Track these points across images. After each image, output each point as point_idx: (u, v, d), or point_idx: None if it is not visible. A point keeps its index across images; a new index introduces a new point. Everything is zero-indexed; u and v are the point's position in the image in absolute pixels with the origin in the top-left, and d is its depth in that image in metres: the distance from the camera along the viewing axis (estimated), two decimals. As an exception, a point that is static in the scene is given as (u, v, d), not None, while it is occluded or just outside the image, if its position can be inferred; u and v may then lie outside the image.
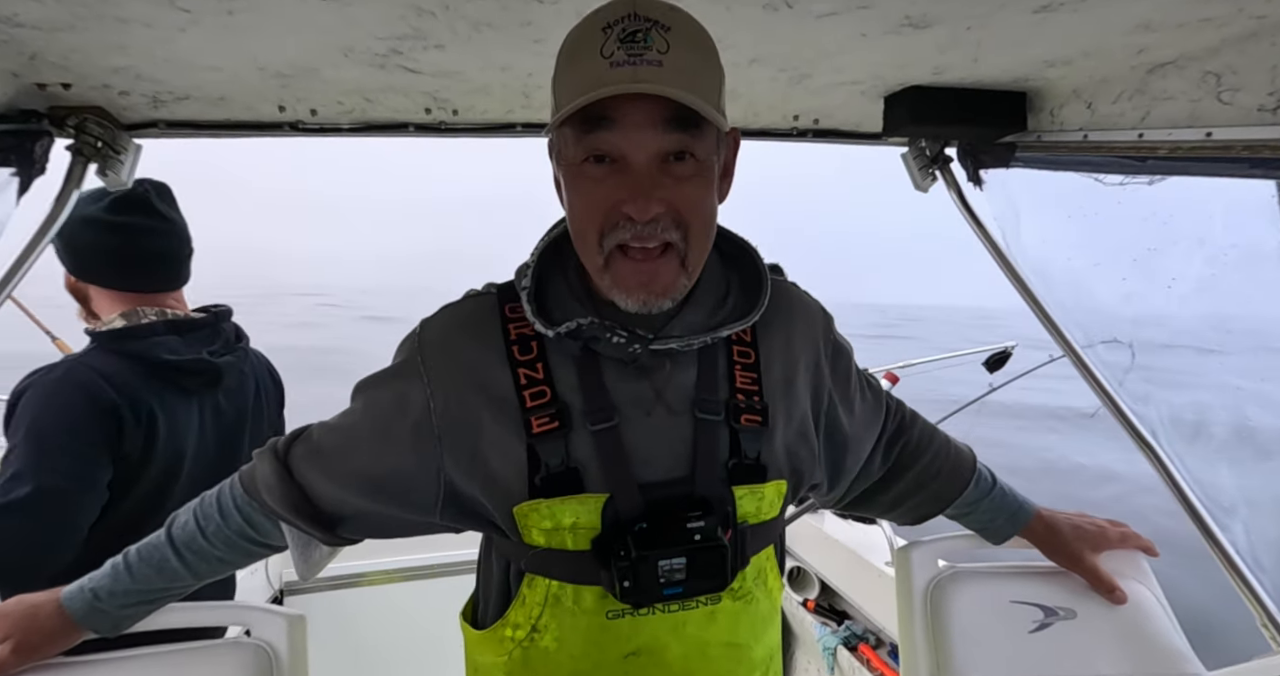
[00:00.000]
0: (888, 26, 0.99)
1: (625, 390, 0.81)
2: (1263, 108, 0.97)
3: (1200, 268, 1.22)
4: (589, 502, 0.78)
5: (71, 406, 1.27)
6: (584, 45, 0.71)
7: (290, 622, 1.01)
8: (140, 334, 1.39)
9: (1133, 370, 1.37)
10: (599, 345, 0.80)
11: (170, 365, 1.40)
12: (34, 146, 1.19)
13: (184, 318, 1.47)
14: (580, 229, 0.76)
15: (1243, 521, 1.32)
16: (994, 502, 1.09)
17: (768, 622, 0.89)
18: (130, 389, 1.33)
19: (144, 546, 0.92)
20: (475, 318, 0.86)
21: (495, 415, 0.81)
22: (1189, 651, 1.08)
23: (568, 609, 0.81)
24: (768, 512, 0.85)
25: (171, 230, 1.46)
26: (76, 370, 1.31)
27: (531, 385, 0.80)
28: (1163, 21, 0.94)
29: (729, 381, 0.84)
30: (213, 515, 0.91)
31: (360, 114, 1.36)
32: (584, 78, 0.70)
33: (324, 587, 2.30)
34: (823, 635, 2.33)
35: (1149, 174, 1.20)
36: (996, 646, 1.09)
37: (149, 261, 1.44)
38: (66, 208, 1.26)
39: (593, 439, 0.79)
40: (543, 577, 0.82)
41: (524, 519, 0.80)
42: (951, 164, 1.56)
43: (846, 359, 0.98)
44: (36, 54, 1.01)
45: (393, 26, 0.97)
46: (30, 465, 1.22)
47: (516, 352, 0.82)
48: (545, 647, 0.82)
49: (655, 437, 0.81)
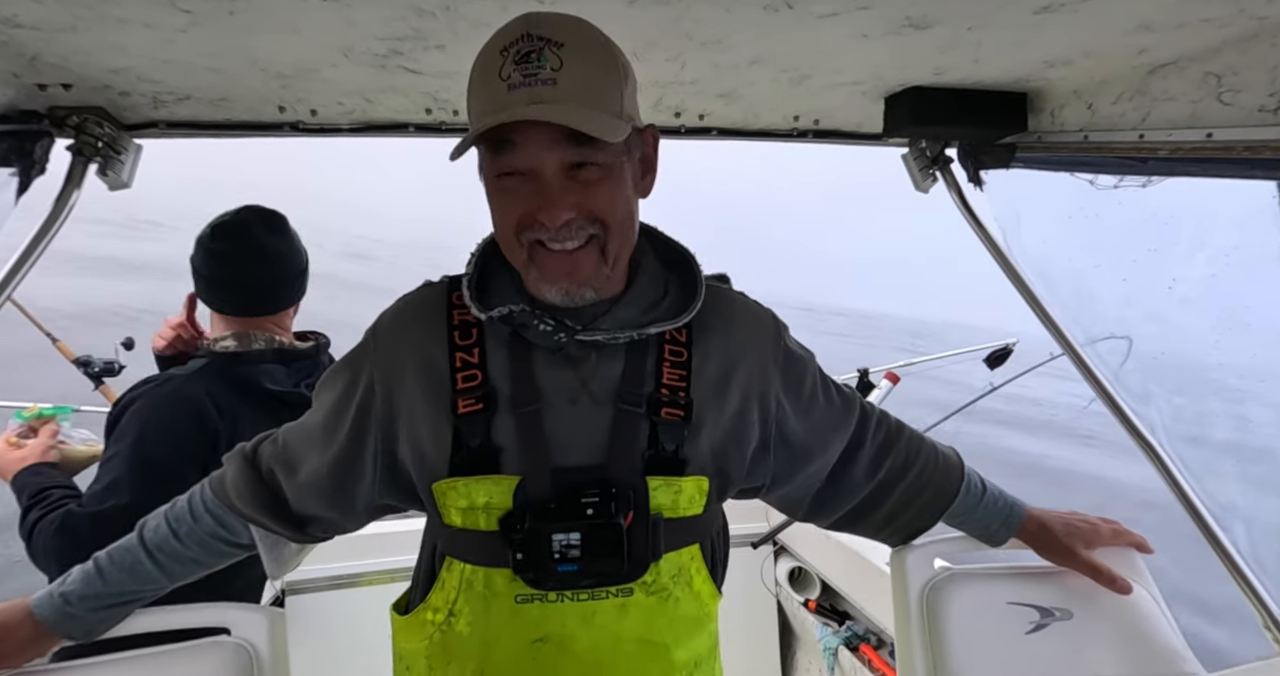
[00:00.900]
0: (888, 27, 0.99)
1: (552, 378, 0.84)
2: (1263, 108, 0.97)
3: (1201, 268, 1.22)
4: (502, 483, 0.81)
5: (180, 424, 1.30)
6: (486, 68, 0.75)
7: (270, 620, 1.01)
8: (251, 360, 1.42)
9: (1134, 369, 1.37)
10: (528, 332, 0.84)
11: (272, 395, 1.42)
12: (34, 147, 1.19)
13: (290, 347, 1.49)
14: (502, 235, 0.81)
15: (1244, 522, 1.32)
16: (986, 509, 1.09)
17: (694, 626, 0.89)
18: (233, 413, 1.36)
19: (115, 550, 0.92)
20: (424, 303, 0.91)
21: (429, 395, 0.85)
22: (1187, 651, 1.08)
23: (479, 592, 0.84)
24: (688, 508, 0.86)
25: (268, 256, 1.46)
26: (187, 387, 1.34)
27: (466, 368, 0.85)
28: (1163, 22, 0.94)
29: (655, 377, 0.86)
30: (184, 518, 0.93)
31: (360, 114, 1.36)
32: (486, 101, 0.75)
33: (325, 587, 2.30)
34: (824, 635, 2.33)
35: (1149, 175, 1.20)
36: (993, 647, 1.09)
37: (246, 288, 1.46)
38: (67, 208, 1.27)
39: (515, 422, 0.82)
40: (459, 562, 0.85)
41: (442, 497, 0.84)
42: (952, 165, 1.55)
43: (801, 366, 0.98)
44: (37, 55, 1.01)
45: (393, 27, 0.97)
46: (132, 476, 1.24)
47: (456, 337, 0.86)
48: (460, 632, 0.85)
49: (576, 425, 0.84)
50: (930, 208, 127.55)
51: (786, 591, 2.56)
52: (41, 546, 1.22)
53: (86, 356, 2.58)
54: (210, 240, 1.42)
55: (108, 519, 1.20)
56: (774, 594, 2.64)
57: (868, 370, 2.76)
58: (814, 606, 2.45)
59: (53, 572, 1.26)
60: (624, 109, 0.78)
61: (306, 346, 1.54)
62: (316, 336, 1.60)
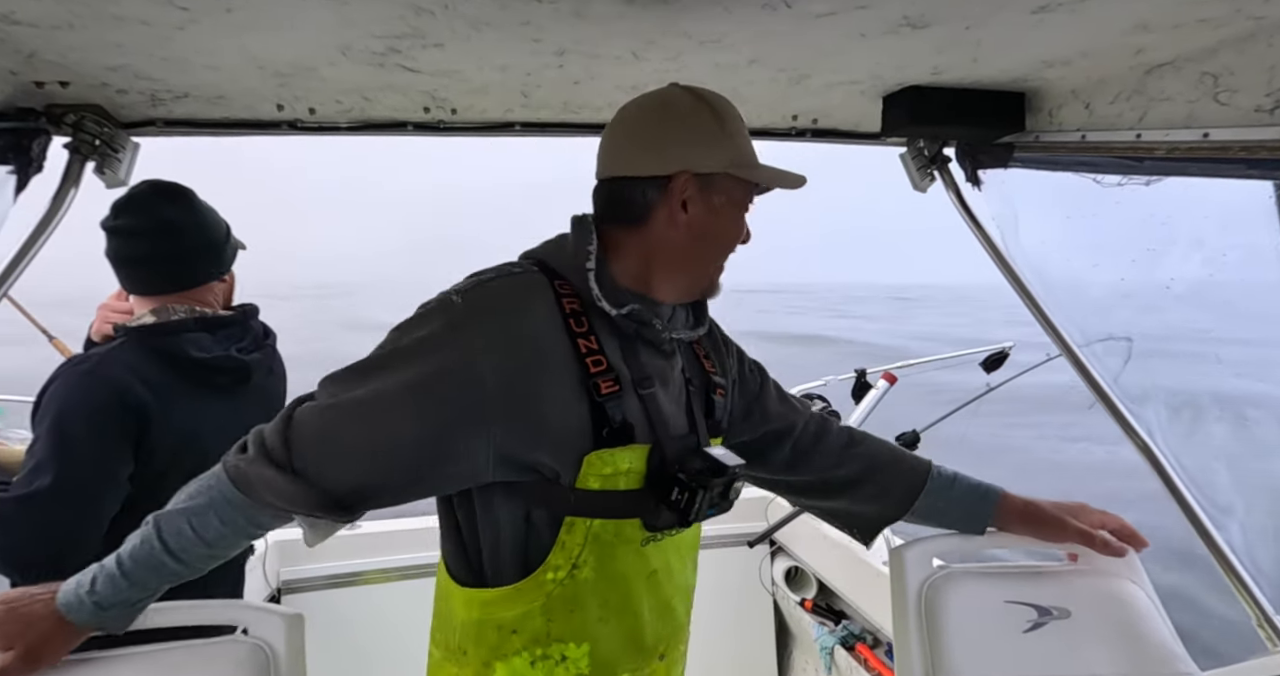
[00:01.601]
0: (886, 26, 0.99)
1: (654, 365, 1.01)
2: (1260, 108, 0.97)
3: (1198, 268, 1.22)
4: (639, 451, 0.95)
5: (97, 400, 1.27)
6: (733, 123, 0.98)
7: (288, 621, 1.01)
8: (170, 330, 1.38)
9: (1130, 370, 1.38)
10: (646, 329, 0.98)
11: (199, 362, 1.39)
12: (32, 144, 1.19)
13: (213, 315, 1.46)
14: (724, 246, 1.02)
15: (1239, 521, 1.32)
16: (960, 489, 1.18)
17: (692, 551, 1.14)
18: (159, 385, 1.33)
19: (135, 552, 0.89)
20: (529, 291, 0.94)
21: (556, 379, 0.91)
22: (1182, 651, 1.08)
23: (607, 542, 0.96)
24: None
25: (174, 229, 1.40)
26: (105, 364, 1.30)
27: (591, 354, 0.94)
28: (1160, 22, 0.95)
29: (701, 366, 1.12)
30: (212, 524, 0.87)
31: (359, 113, 1.36)
32: (753, 153, 1.01)
33: (321, 586, 2.30)
34: (820, 635, 2.33)
35: (1146, 174, 1.20)
36: (990, 646, 1.09)
37: (156, 263, 1.41)
38: (64, 206, 1.26)
39: (639, 402, 0.97)
40: (582, 520, 0.95)
41: (589, 467, 0.93)
42: (950, 164, 1.56)
43: (738, 352, 1.25)
44: (34, 52, 1.01)
45: (391, 25, 0.97)
46: (52, 457, 1.22)
47: (573, 325, 0.94)
48: (585, 578, 0.96)
49: (671, 403, 1.02)
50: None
51: (783, 590, 2.57)
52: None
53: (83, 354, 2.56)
54: (112, 220, 1.38)
55: (32, 503, 1.20)
56: (770, 593, 2.64)
57: (865, 370, 2.76)
58: (810, 605, 2.46)
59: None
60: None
61: (229, 313, 1.50)
62: (243, 306, 1.55)
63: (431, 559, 2.47)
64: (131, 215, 1.39)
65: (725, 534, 2.60)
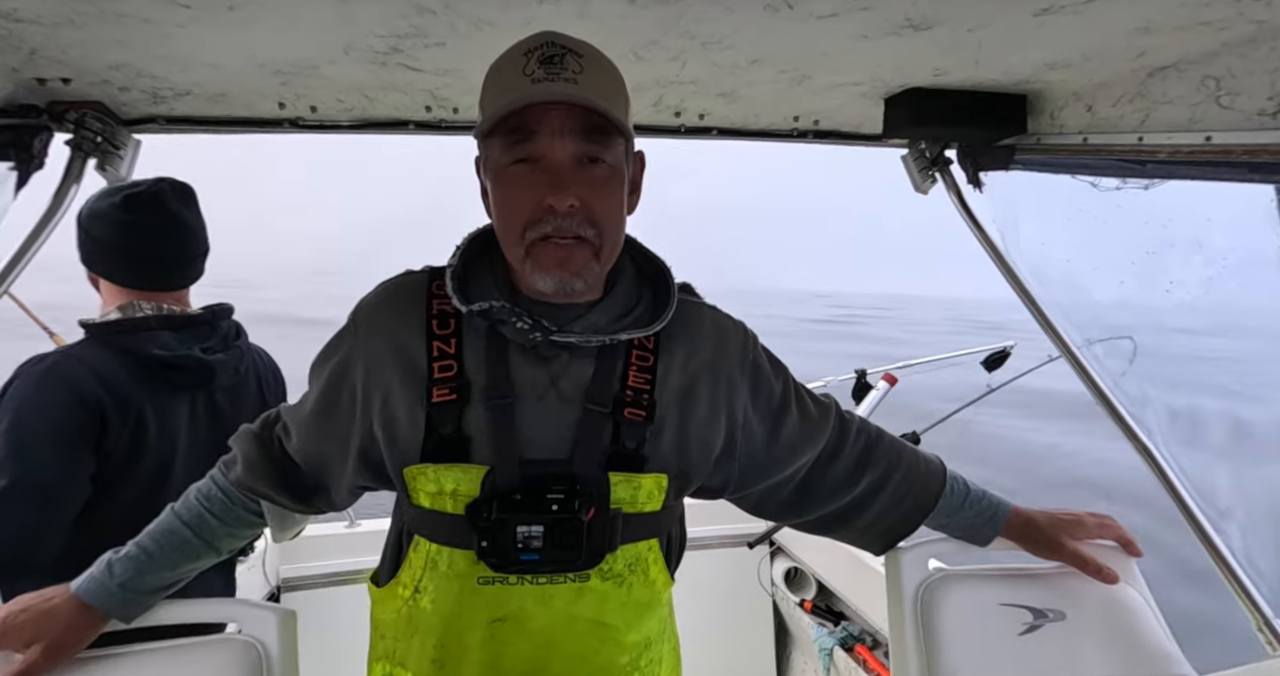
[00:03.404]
0: (888, 28, 0.99)
1: (525, 374, 0.88)
2: (1262, 112, 0.97)
3: (1199, 272, 1.22)
4: (471, 472, 0.85)
5: (54, 400, 1.26)
6: (507, 69, 0.81)
7: (281, 618, 1.01)
8: (132, 328, 1.38)
9: (1130, 372, 1.38)
10: (504, 328, 0.87)
11: (160, 361, 1.38)
12: (33, 141, 1.19)
13: (179, 313, 1.45)
14: (507, 224, 0.84)
15: (1239, 525, 1.32)
16: (969, 511, 1.10)
17: (645, 611, 0.94)
18: (118, 384, 1.32)
19: (155, 533, 0.95)
20: (404, 291, 0.94)
21: (405, 381, 0.88)
22: (1178, 653, 1.08)
23: (443, 572, 0.88)
24: (646, 503, 0.90)
25: (179, 231, 1.44)
26: (64, 363, 1.30)
27: (442, 357, 0.88)
28: (1162, 25, 0.94)
29: (622, 379, 0.91)
30: (215, 495, 0.98)
31: (360, 111, 1.36)
32: (508, 94, 0.79)
33: (320, 584, 2.31)
34: (819, 636, 2.33)
35: (1148, 177, 1.20)
36: (986, 648, 1.09)
37: (156, 262, 1.43)
38: (65, 203, 1.26)
39: (487, 413, 0.86)
40: (425, 540, 0.89)
41: (412, 481, 0.87)
42: (951, 166, 1.56)
43: (770, 378, 1.02)
44: (36, 49, 1.01)
45: (393, 24, 0.97)
46: (10, 457, 1.21)
47: (435, 327, 0.90)
48: (424, 608, 0.90)
49: (544, 420, 0.87)
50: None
51: (782, 591, 2.57)
52: None
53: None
54: (122, 210, 1.38)
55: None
56: (770, 594, 2.64)
57: (865, 371, 2.76)
58: (810, 606, 2.45)
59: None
60: (626, 123, 0.83)
61: (196, 312, 1.50)
62: (214, 306, 1.55)
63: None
64: (148, 210, 1.39)
65: (725, 534, 2.60)
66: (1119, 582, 1.11)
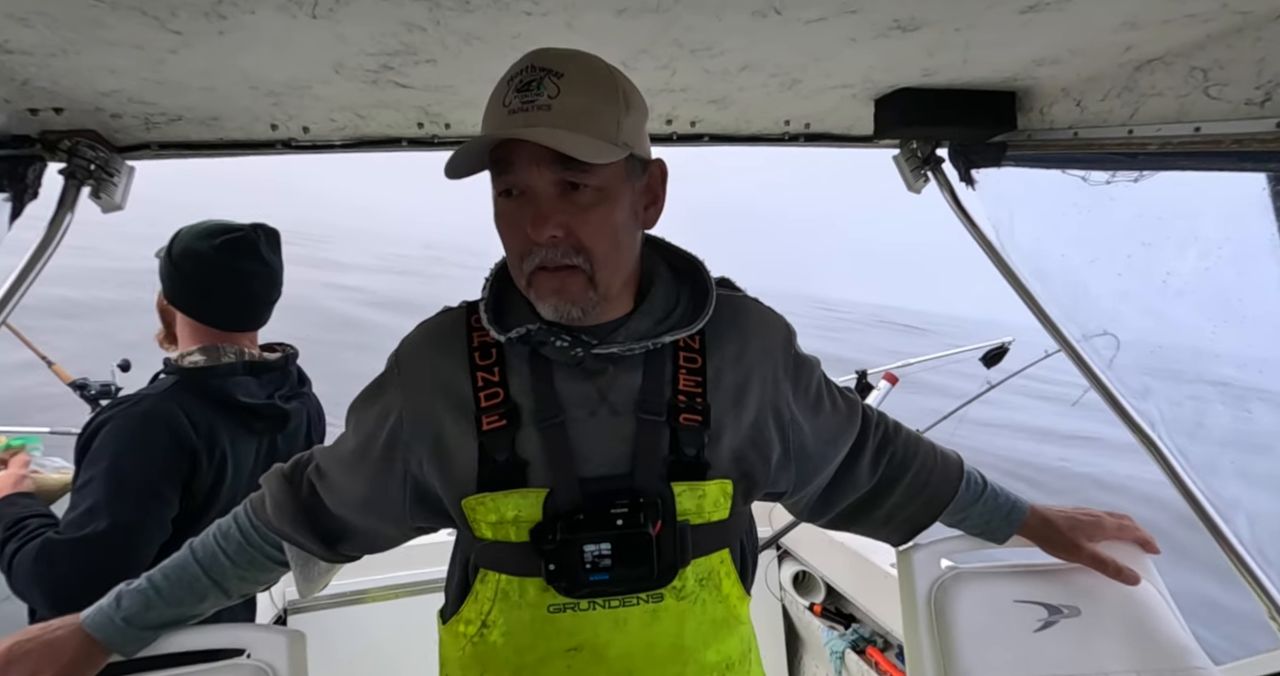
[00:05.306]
0: (876, 30, 1.00)
1: (572, 392, 0.87)
2: (1250, 101, 0.97)
3: (1194, 261, 1.22)
4: (530, 496, 0.83)
5: (156, 444, 1.29)
6: (493, 98, 0.81)
7: (290, 640, 1.00)
8: (221, 373, 1.41)
9: (1131, 364, 1.38)
10: (546, 349, 0.86)
11: (245, 407, 1.42)
12: (27, 171, 1.19)
13: (259, 359, 1.49)
14: (508, 256, 0.85)
15: (1247, 514, 1.32)
16: (987, 506, 1.09)
17: (723, 628, 0.90)
18: (207, 429, 1.35)
19: (168, 569, 0.95)
20: (444, 329, 0.94)
21: (455, 416, 0.88)
22: (1195, 646, 1.08)
23: (514, 602, 0.86)
24: (713, 512, 0.87)
25: (270, 277, 1.49)
26: (161, 407, 1.32)
27: (488, 387, 0.88)
28: (1148, 19, 0.95)
29: (673, 385, 0.88)
30: (231, 534, 0.97)
31: (353, 130, 1.36)
32: (487, 127, 0.81)
33: (326, 605, 2.29)
34: (830, 639, 2.32)
35: (1139, 169, 1.20)
36: (1002, 646, 1.09)
37: (244, 306, 1.47)
38: (60, 232, 1.26)
39: (540, 436, 0.85)
40: (493, 572, 0.87)
41: (471, 512, 0.86)
42: (943, 165, 1.56)
43: (809, 373, 1.00)
44: (28, 80, 1.01)
45: (383, 42, 0.97)
46: (109, 499, 1.22)
47: (477, 358, 0.90)
48: (494, 642, 0.87)
49: (598, 436, 0.86)
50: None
51: (791, 595, 2.56)
52: (22, 576, 1.20)
53: (83, 379, 2.56)
54: (219, 253, 1.41)
55: (88, 543, 1.19)
56: (779, 598, 2.63)
57: (866, 371, 2.77)
58: (819, 610, 2.44)
59: (36, 602, 1.25)
60: (620, 136, 0.80)
61: (275, 357, 1.54)
62: (284, 347, 1.60)
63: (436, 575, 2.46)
64: (246, 257, 1.44)
65: None
66: (1132, 591, 1.11)
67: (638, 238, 0.89)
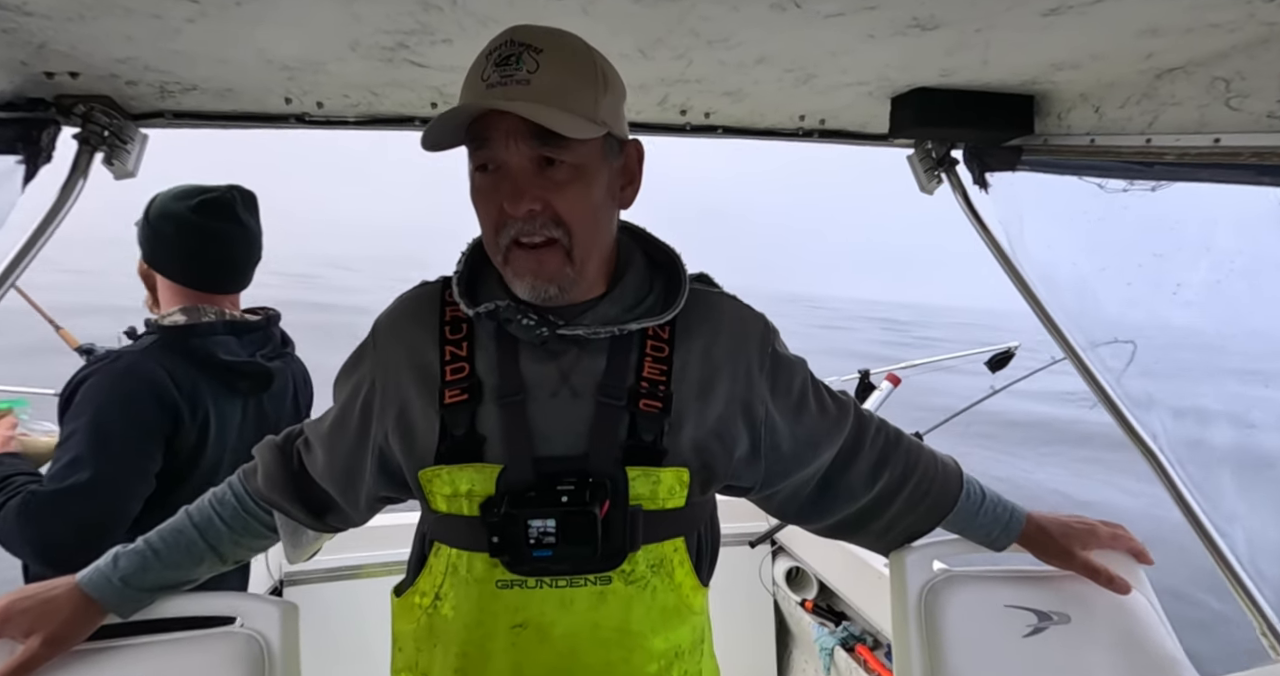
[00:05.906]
0: (895, 27, 0.99)
1: (535, 371, 0.87)
2: (1272, 115, 0.96)
3: (1206, 274, 1.21)
4: (485, 471, 0.84)
5: (135, 398, 1.31)
6: (471, 72, 0.81)
7: (282, 611, 1.02)
8: (201, 332, 1.43)
9: (1135, 375, 1.37)
10: (512, 327, 0.87)
11: (227, 366, 1.44)
12: (40, 135, 1.19)
13: (241, 319, 1.51)
14: (483, 231, 0.85)
15: (1244, 529, 1.31)
16: (985, 517, 1.08)
17: (673, 617, 0.90)
18: (189, 386, 1.37)
19: (165, 532, 0.96)
20: (419, 302, 0.95)
21: (421, 388, 0.89)
22: (1183, 658, 1.08)
23: (463, 577, 0.87)
24: (667, 499, 0.87)
25: (246, 238, 1.50)
26: (142, 363, 1.34)
27: (454, 361, 0.89)
28: (1171, 26, 0.94)
29: (637, 372, 0.89)
30: (226, 500, 0.99)
31: (366, 107, 1.36)
32: (465, 98, 0.80)
33: (322, 579, 2.31)
34: (820, 635, 2.33)
35: (1155, 179, 1.19)
36: (990, 651, 1.09)
37: (222, 266, 1.49)
38: (72, 197, 1.27)
39: (500, 413, 0.86)
40: (446, 546, 0.89)
41: (428, 484, 0.87)
42: (957, 166, 1.55)
43: (792, 373, 0.99)
44: (45, 43, 1.01)
45: (399, 21, 0.97)
46: (91, 452, 1.25)
47: (447, 332, 0.91)
48: (445, 615, 0.88)
49: (557, 416, 0.86)
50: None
51: (784, 591, 2.57)
52: (8, 531, 1.23)
53: (90, 344, 2.58)
54: (196, 214, 1.42)
55: (70, 496, 1.22)
56: (771, 593, 2.64)
57: (868, 371, 2.76)
58: (811, 606, 2.45)
59: (25, 556, 1.27)
60: (598, 114, 0.80)
61: (256, 319, 1.56)
62: (265, 310, 1.61)
63: (432, 553, 2.42)
64: (221, 216, 1.45)
65: (726, 533, 2.57)
66: (1122, 601, 1.11)
67: (614, 218, 0.90)
